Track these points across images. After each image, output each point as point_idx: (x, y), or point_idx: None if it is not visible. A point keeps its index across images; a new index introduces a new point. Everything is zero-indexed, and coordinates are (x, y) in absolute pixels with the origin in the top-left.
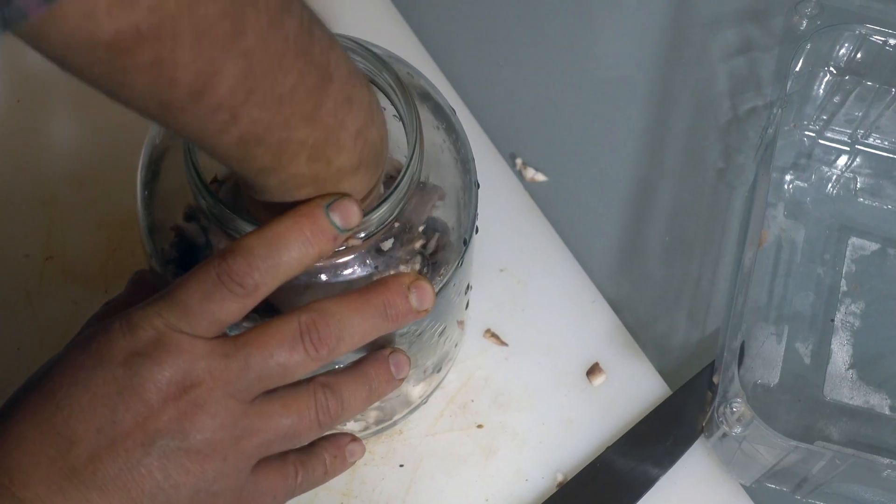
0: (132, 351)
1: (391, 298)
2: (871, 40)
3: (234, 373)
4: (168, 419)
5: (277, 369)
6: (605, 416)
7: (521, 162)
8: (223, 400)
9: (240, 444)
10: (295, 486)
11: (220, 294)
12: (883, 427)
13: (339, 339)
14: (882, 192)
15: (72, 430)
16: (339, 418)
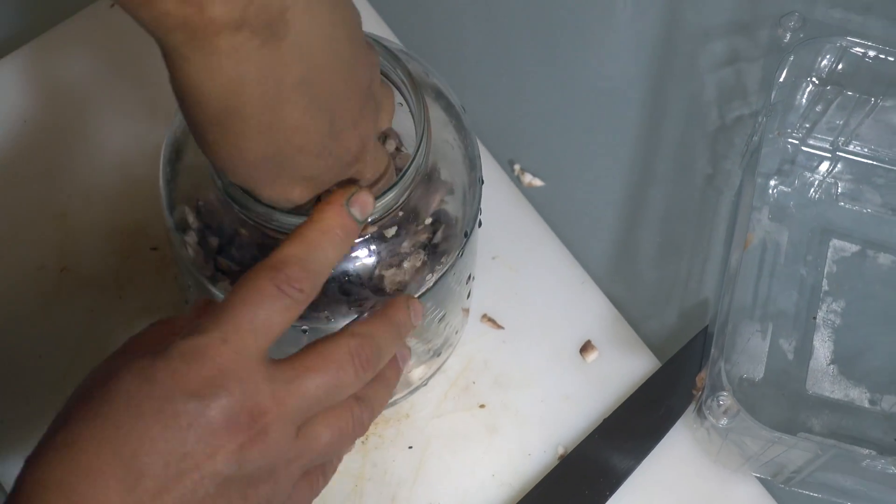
0: (202, 382)
1: (403, 317)
2: (851, 52)
3: (297, 399)
4: (235, 449)
5: (334, 392)
6: (600, 391)
7: (518, 167)
8: (285, 426)
9: (290, 467)
10: (319, 490)
11: (283, 304)
12: (862, 419)
13: (379, 358)
14: (862, 196)
15: (140, 464)
16: (368, 426)
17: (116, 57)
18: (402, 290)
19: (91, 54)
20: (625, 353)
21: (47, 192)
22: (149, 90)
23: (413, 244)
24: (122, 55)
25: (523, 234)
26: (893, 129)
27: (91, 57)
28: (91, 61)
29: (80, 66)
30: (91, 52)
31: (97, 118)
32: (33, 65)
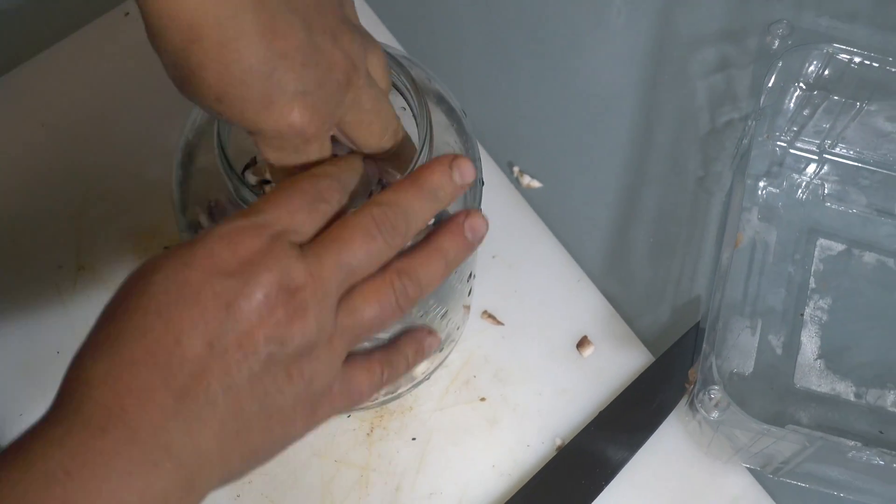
0: (241, 260)
1: (439, 180)
2: (837, 58)
3: (330, 271)
4: (275, 325)
5: (365, 260)
6: (596, 384)
7: (517, 170)
8: (322, 301)
9: (332, 343)
10: (381, 382)
11: (323, 209)
12: (848, 412)
13: (408, 225)
14: (848, 197)
15: (183, 348)
16: (418, 299)
17: (131, 64)
18: None
19: (107, 61)
20: (619, 348)
21: (65, 193)
22: (162, 95)
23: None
24: (136, 62)
25: (522, 233)
26: (878, 132)
27: (106, 64)
28: (106, 68)
29: (96, 72)
30: (107, 59)
31: (113, 122)
32: (51, 71)
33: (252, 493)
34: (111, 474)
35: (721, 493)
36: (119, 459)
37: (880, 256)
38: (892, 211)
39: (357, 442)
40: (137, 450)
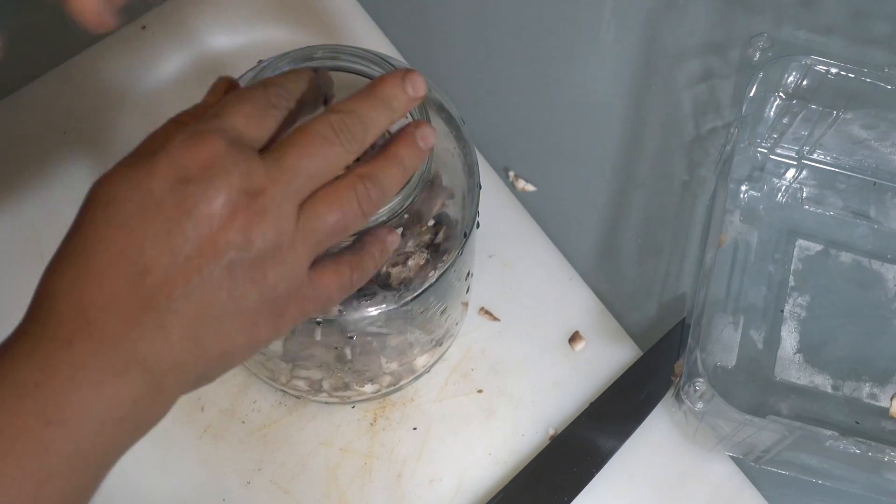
0: (201, 165)
1: (392, 91)
2: (815, 69)
3: (290, 175)
4: (236, 229)
5: (323, 165)
6: (587, 377)
7: (513, 174)
8: (283, 204)
9: (296, 247)
10: (350, 283)
11: (276, 114)
12: (826, 403)
13: (365, 131)
14: (825, 200)
15: (146, 257)
16: (380, 203)
17: (147, 74)
18: (407, 286)
19: (125, 72)
20: (609, 342)
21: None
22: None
23: (417, 244)
24: (152, 73)
25: (517, 234)
26: (854, 139)
27: (124, 74)
28: (124, 78)
29: (115, 82)
30: (125, 69)
31: (130, 130)
32: (72, 81)
33: (261, 479)
34: (80, 384)
35: (705, 480)
36: (86, 370)
37: (856, 256)
38: (868, 213)
39: (361, 431)
40: (103, 359)
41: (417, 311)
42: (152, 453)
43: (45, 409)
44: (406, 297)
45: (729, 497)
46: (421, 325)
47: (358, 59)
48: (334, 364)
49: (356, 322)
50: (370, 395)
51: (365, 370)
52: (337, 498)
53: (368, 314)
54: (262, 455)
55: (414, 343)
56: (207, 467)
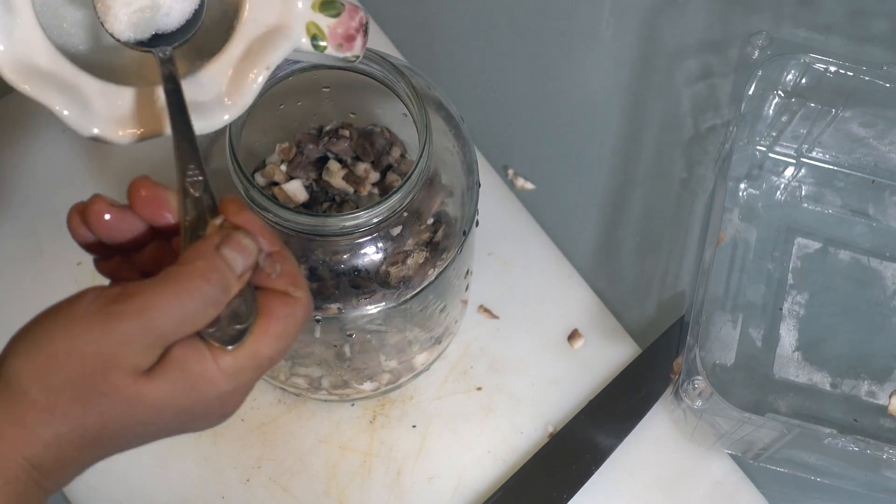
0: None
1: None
2: (814, 68)
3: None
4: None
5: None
6: (586, 375)
7: (512, 172)
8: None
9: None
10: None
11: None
12: (824, 401)
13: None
14: (824, 198)
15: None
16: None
17: None
18: (406, 284)
19: None
20: (608, 340)
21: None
22: None
23: (416, 242)
24: None
25: (516, 232)
26: (852, 137)
27: None
28: None
29: None
30: None
31: None
32: None
33: (261, 477)
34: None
35: (704, 478)
36: None
37: (854, 254)
38: (866, 211)
39: (360, 429)
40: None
41: (416, 309)
42: (152, 451)
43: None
44: (405, 296)
45: (728, 494)
46: (420, 322)
47: None
48: (333, 362)
49: (355, 320)
50: (369, 392)
51: (364, 368)
52: (336, 495)
53: (368, 312)
54: (262, 453)
55: (413, 341)
56: (207, 465)
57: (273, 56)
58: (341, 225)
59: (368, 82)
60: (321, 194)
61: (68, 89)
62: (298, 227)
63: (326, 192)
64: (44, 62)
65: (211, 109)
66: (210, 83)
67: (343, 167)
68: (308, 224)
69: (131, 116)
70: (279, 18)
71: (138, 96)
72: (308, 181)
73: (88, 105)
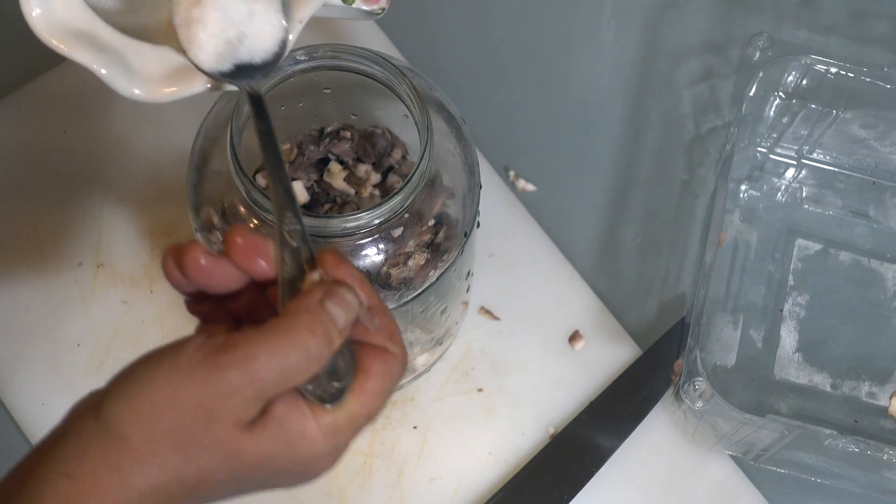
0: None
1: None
2: (815, 69)
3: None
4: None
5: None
6: (587, 376)
7: (513, 174)
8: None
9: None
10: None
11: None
12: (825, 402)
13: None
14: (824, 200)
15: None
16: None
17: None
18: (407, 285)
19: None
20: (609, 341)
21: (85, 195)
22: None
23: (417, 243)
24: None
25: (517, 233)
26: (853, 138)
27: None
28: None
29: None
30: None
31: (130, 128)
32: (72, 80)
33: None
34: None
35: (705, 479)
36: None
37: (855, 255)
38: (867, 213)
39: None
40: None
41: (418, 310)
42: None
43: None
44: (406, 297)
45: (728, 495)
46: (421, 324)
47: (359, 58)
48: None
49: None
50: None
51: None
52: (337, 496)
53: None
54: None
55: (414, 342)
56: None
57: (304, 11)
58: (342, 226)
59: (370, 83)
60: (322, 196)
61: (106, 50)
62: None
63: (328, 194)
64: (81, 24)
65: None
66: None
67: (344, 168)
68: (309, 225)
69: (168, 75)
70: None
71: (173, 55)
72: (309, 182)
73: (127, 65)
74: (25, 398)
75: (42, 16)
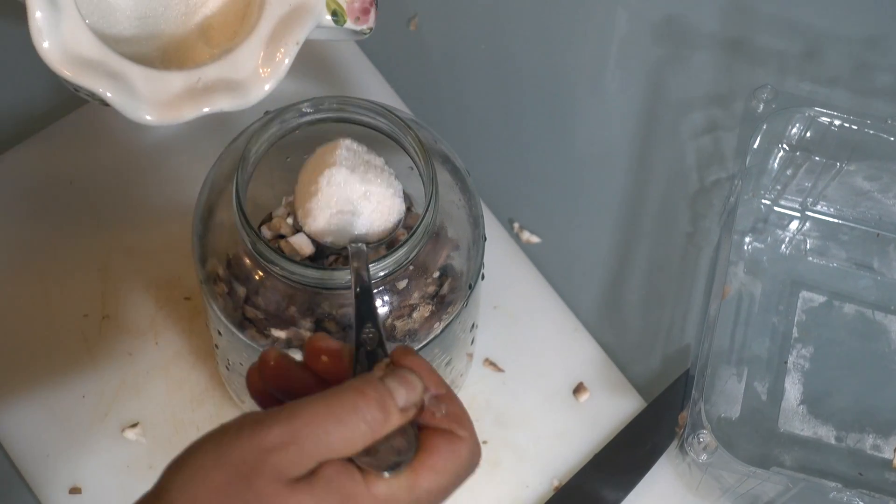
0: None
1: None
2: (818, 121)
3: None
4: None
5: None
6: (592, 428)
7: (518, 225)
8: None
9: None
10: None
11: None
12: (830, 455)
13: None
14: (829, 252)
15: None
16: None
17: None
18: (412, 337)
19: (131, 123)
20: (614, 393)
21: (91, 246)
22: (182, 155)
23: (422, 295)
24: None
25: (522, 285)
26: (857, 190)
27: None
28: (131, 129)
29: (121, 133)
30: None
31: (137, 180)
32: (79, 131)
33: None
34: None
35: None
36: None
37: (859, 308)
38: (871, 265)
39: None
40: None
41: None
42: None
43: None
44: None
45: None
46: None
47: (364, 110)
48: None
49: None
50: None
51: None
52: None
53: None
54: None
55: None
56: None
57: (300, 32)
58: (347, 278)
59: (375, 135)
60: (327, 248)
61: (114, 76)
62: (305, 280)
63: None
64: (90, 53)
65: (249, 85)
66: (244, 62)
67: None
68: (314, 277)
69: (174, 99)
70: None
71: (178, 79)
72: None
73: (135, 90)
74: (29, 450)
75: (52, 47)
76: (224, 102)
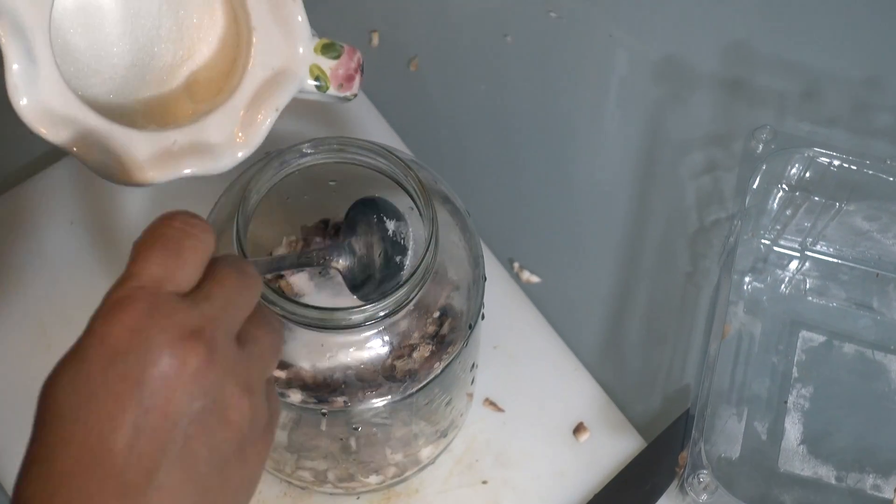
0: (131, 332)
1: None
2: (818, 161)
3: (222, 310)
4: (193, 379)
5: (249, 296)
6: (592, 468)
7: (517, 265)
8: (225, 337)
9: (250, 376)
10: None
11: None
12: (830, 495)
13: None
14: (828, 291)
15: (109, 444)
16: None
17: None
18: (412, 377)
19: None
20: (614, 433)
21: (92, 285)
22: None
23: (422, 335)
24: None
25: (522, 325)
26: (856, 230)
27: None
28: None
29: None
30: None
31: (136, 219)
32: (78, 171)
33: None
34: None
35: None
36: None
37: (859, 347)
38: (871, 304)
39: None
40: None
41: (422, 402)
42: None
43: None
44: (411, 389)
45: None
46: (426, 416)
47: (364, 151)
48: (339, 455)
49: (361, 413)
50: (375, 486)
51: (370, 461)
52: None
53: (373, 405)
54: None
55: (419, 434)
56: None
57: (281, 98)
58: (347, 318)
59: (375, 176)
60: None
61: (92, 135)
62: (305, 320)
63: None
64: (68, 110)
65: (224, 149)
66: (222, 125)
67: None
68: (315, 317)
69: (152, 159)
70: (284, 62)
71: (154, 141)
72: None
73: (111, 150)
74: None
75: (29, 105)
76: (196, 166)
